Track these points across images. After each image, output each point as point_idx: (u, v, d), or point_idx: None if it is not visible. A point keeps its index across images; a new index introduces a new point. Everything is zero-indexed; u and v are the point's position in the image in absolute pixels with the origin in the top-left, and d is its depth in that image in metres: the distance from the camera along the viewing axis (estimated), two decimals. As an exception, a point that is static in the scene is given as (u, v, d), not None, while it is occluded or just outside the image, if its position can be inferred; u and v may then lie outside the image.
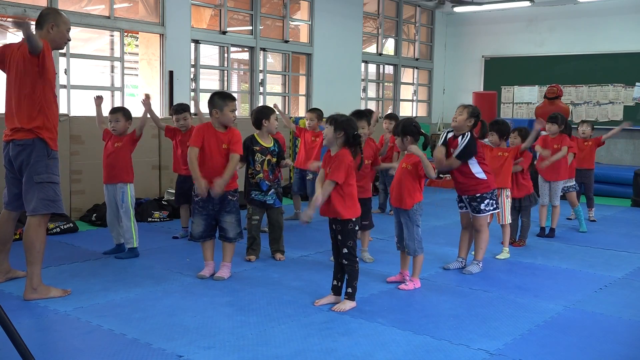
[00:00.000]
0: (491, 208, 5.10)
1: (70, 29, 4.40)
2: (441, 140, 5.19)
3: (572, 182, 7.09)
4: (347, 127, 4.11)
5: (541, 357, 3.45)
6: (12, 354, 2.70)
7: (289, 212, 7.48)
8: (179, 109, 6.20)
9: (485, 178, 5.05)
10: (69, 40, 4.45)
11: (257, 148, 5.38)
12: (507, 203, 5.68)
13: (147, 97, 5.78)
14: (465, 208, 5.20)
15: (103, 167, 5.47)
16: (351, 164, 4.09)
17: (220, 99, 4.72)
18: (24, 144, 4.17)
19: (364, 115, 5.41)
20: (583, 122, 8.06)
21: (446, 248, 5.96)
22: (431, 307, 4.28)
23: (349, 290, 4.20)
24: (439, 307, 4.29)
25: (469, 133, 4.98)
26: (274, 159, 5.40)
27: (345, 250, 4.15)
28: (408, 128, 4.63)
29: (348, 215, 4.10)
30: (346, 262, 4.17)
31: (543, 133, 7.04)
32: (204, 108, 5.33)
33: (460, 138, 4.98)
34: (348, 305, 4.16)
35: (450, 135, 5.11)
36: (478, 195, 5.04)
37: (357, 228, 4.18)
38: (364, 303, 4.28)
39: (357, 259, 4.20)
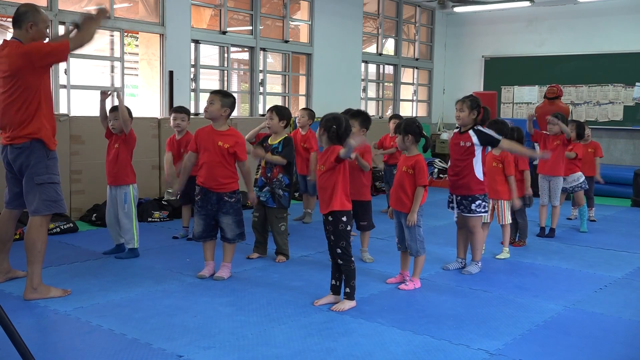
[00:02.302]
0: (482, 210, 5.07)
1: (49, 25, 4.37)
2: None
3: (581, 180, 7.08)
4: (328, 124, 4.13)
5: (541, 357, 3.46)
6: (12, 354, 2.70)
7: (299, 213, 7.48)
8: (179, 109, 6.24)
9: (482, 180, 5.05)
10: (48, 37, 4.40)
11: (265, 145, 5.45)
12: (506, 203, 5.67)
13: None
14: (457, 208, 5.18)
15: (106, 168, 5.47)
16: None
17: None
18: (22, 147, 4.16)
19: (358, 115, 5.39)
20: (582, 123, 7.98)
21: (446, 248, 5.96)
22: (431, 307, 4.28)
23: (347, 290, 4.20)
24: (439, 307, 4.29)
25: (479, 127, 5.02)
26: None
27: (338, 251, 4.16)
28: (411, 127, 4.63)
29: (334, 207, 4.11)
30: (341, 262, 4.18)
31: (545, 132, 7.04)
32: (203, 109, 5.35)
33: (471, 132, 5.00)
34: (347, 304, 4.16)
35: (456, 131, 5.17)
36: (470, 195, 5.04)
37: (348, 228, 4.17)
38: (364, 303, 4.28)
39: (352, 258, 4.19)
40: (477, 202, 5.04)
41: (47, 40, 4.37)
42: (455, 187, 5.11)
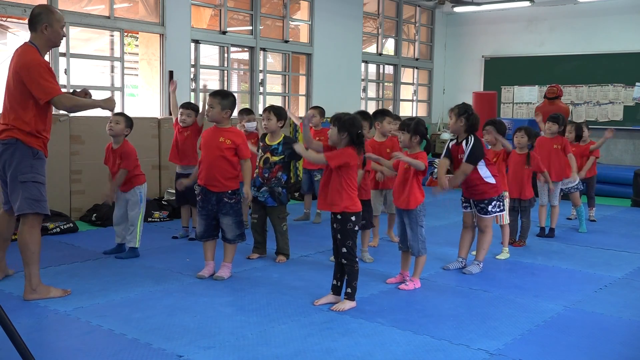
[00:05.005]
0: (498, 210, 5.11)
1: (64, 25, 4.36)
2: (444, 153, 5.20)
3: (576, 182, 7.08)
4: (351, 127, 4.09)
5: (541, 357, 3.45)
6: (12, 354, 2.70)
7: (299, 213, 7.48)
8: (186, 105, 6.26)
9: (494, 182, 5.05)
10: (64, 36, 4.39)
11: (262, 144, 5.44)
12: (505, 204, 5.67)
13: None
14: (470, 208, 5.20)
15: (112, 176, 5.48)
16: (352, 159, 4.08)
17: None
18: (7, 143, 4.15)
19: (367, 117, 5.42)
20: (580, 125, 7.93)
21: (446, 248, 5.96)
22: (431, 307, 4.28)
23: (349, 290, 4.20)
24: (439, 307, 4.29)
25: (472, 136, 4.95)
26: (274, 157, 5.36)
27: (344, 250, 4.15)
28: (419, 128, 4.65)
29: (344, 207, 4.09)
30: (345, 262, 4.17)
31: (541, 134, 7.05)
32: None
33: (464, 143, 4.95)
34: (348, 305, 4.16)
35: (452, 143, 5.12)
36: (486, 199, 5.05)
37: (356, 228, 4.18)
38: (364, 303, 4.28)
39: (357, 258, 4.20)
40: (493, 203, 5.07)
41: (62, 39, 4.39)
42: (469, 193, 5.14)
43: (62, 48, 7.53)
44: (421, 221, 4.65)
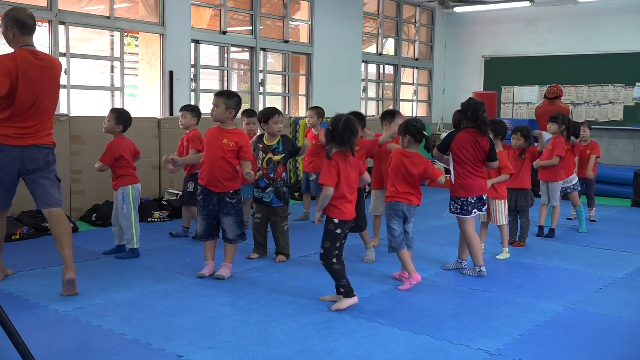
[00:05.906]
0: (455, 211, 5.04)
1: None
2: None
3: (574, 182, 7.08)
4: (332, 127, 4.14)
5: (541, 357, 3.46)
6: (12, 354, 2.70)
7: (299, 213, 7.47)
8: (182, 107, 6.31)
9: (453, 182, 5.01)
10: None
11: (261, 146, 5.44)
12: (499, 204, 5.65)
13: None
14: None
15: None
16: (335, 166, 4.09)
17: None
18: (50, 147, 4.42)
19: (360, 118, 5.39)
20: (581, 124, 7.94)
21: (446, 248, 5.96)
22: (431, 307, 4.28)
23: (340, 289, 4.19)
24: (439, 307, 4.29)
25: (454, 130, 5.05)
26: (276, 157, 5.37)
27: (321, 250, 4.19)
28: (408, 128, 4.65)
29: (328, 213, 4.17)
30: (322, 263, 4.21)
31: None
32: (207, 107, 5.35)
33: None
34: (345, 303, 4.15)
35: None
36: (450, 196, 5.11)
37: (338, 231, 4.16)
38: (364, 303, 4.28)
39: (334, 259, 4.17)
40: (451, 203, 5.08)
41: None
42: None
43: (62, 48, 7.54)
44: (389, 220, 4.69)
